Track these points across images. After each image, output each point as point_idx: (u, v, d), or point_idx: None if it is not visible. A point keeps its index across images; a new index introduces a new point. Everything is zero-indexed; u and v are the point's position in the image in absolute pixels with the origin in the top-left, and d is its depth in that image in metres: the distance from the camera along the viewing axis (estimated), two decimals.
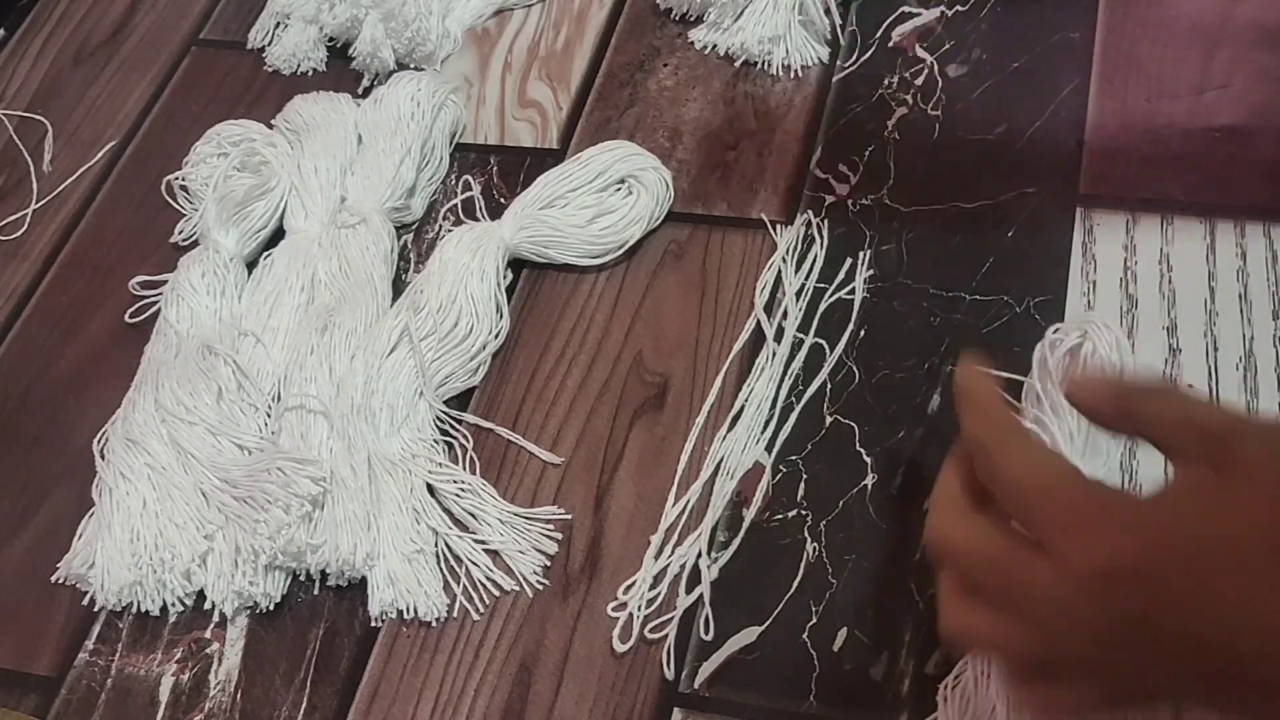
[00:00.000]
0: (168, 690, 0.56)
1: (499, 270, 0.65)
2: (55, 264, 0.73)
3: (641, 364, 0.62)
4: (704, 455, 0.59)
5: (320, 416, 0.60)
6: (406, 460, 0.59)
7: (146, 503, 0.59)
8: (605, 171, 0.67)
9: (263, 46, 0.80)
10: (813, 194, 0.67)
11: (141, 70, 0.81)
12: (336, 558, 0.56)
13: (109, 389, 0.65)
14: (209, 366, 0.62)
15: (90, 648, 0.58)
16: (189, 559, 0.57)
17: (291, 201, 0.70)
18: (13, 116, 0.80)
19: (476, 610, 0.56)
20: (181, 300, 0.66)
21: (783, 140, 0.69)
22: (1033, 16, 0.71)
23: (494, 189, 0.71)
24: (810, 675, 0.52)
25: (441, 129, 0.72)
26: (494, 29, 0.79)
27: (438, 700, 0.54)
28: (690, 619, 0.54)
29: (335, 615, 0.57)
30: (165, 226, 0.73)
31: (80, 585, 0.59)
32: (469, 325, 0.63)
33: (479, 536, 0.58)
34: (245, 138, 0.73)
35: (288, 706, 0.55)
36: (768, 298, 0.63)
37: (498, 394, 0.63)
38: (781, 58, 0.72)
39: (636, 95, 0.73)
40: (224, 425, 0.61)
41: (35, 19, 0.86)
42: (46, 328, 0.70)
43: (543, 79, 0.75)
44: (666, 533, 0.57)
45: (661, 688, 0.53)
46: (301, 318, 0.65)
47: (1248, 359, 0.57)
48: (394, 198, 0.68)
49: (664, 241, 0.67)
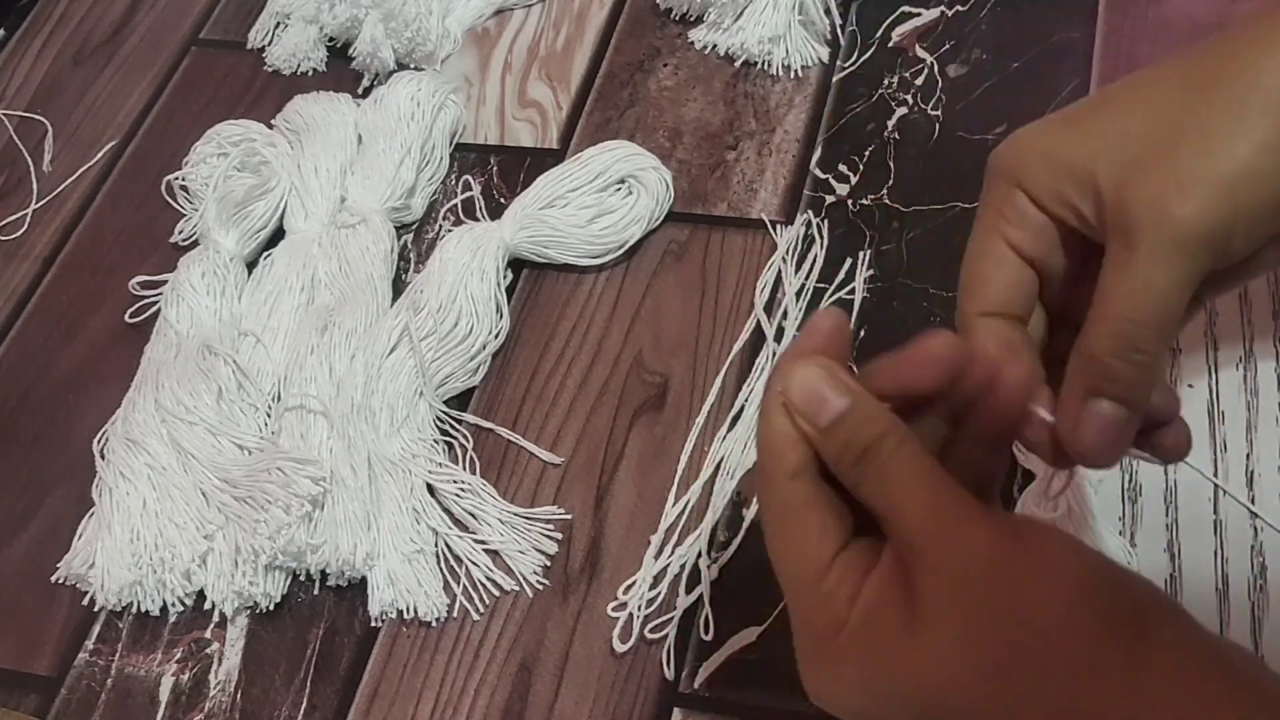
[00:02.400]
0: (168, 690, 0.56)
1: (499, 270, 0.65)
2: (55, 264, 0.73)
3: (641, 364, 0.62)
4: (704, 455, 0.59)
5: (320, 416, 0.60)
6: (406, 460, 0.59)
7: (146, 503, 0.59)
8: (605, 171, 0.67)
9: (263, 46, 0.80)
10: (813, 194, 0.67)
11: (141, 70, 0.81)
12: (336, 558, 0.56)
13: (109, 389, 0.65)
14: (209, 366, 0.62)
15: (90, 648, 0.58)
16: (189, 559, 0.57)
17: (291, 201, 0.70)
18: (13, 116, 0.80)
19: (476, 610, 0.56)
20: (181, 300, 0.66)
21: (783, 140, 0.69)
22: (1033, 16, 0.71)
23: (494, 189, 0.71)
24: None
25: (441, 129, 0.72)
26: (494, 29, 0.79)
27: (438, 700, 0.54)
28: (690, 619, 0.54)
29: (335, 615, 0.57)
30: (165, 226, 0.73)
31: (80, 585, 0.59)
32: (469, 325, 0.63)
33: (479, 536, 0.58)
34: (245, 138, 0.73)
35: (288, 706, 0.55)
36: (768, 298, 0.63)
37: (498, 394, 0.63)
38: (781, 58, 0.72)
39: (636, 95, 0.73)
40: (224, 425, 0.61)
41: (35, 19, 0.86)
42: (46, 328, 0.70)
43: (543, 79, 0.75)
44: (666, 533, 0.57)
45: (661, 688, 0.53)
46: (301, 318, 0.65)
47: (1248, 359, 0.57)
48: (394, 198, 0.68)
49: (664, 241, 0.67)
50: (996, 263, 0.41)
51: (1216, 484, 0.53)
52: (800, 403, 0.38)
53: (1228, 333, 0.58)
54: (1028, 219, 0.41)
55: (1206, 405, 0.56)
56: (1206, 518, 0.53)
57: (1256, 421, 0.55)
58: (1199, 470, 0.54)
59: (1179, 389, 0.56)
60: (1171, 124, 0.38)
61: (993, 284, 0.41)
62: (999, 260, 0.41)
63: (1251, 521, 0.52)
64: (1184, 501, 0.53)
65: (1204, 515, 0.53)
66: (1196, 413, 0.55)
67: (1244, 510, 0.53)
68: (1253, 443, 0.54)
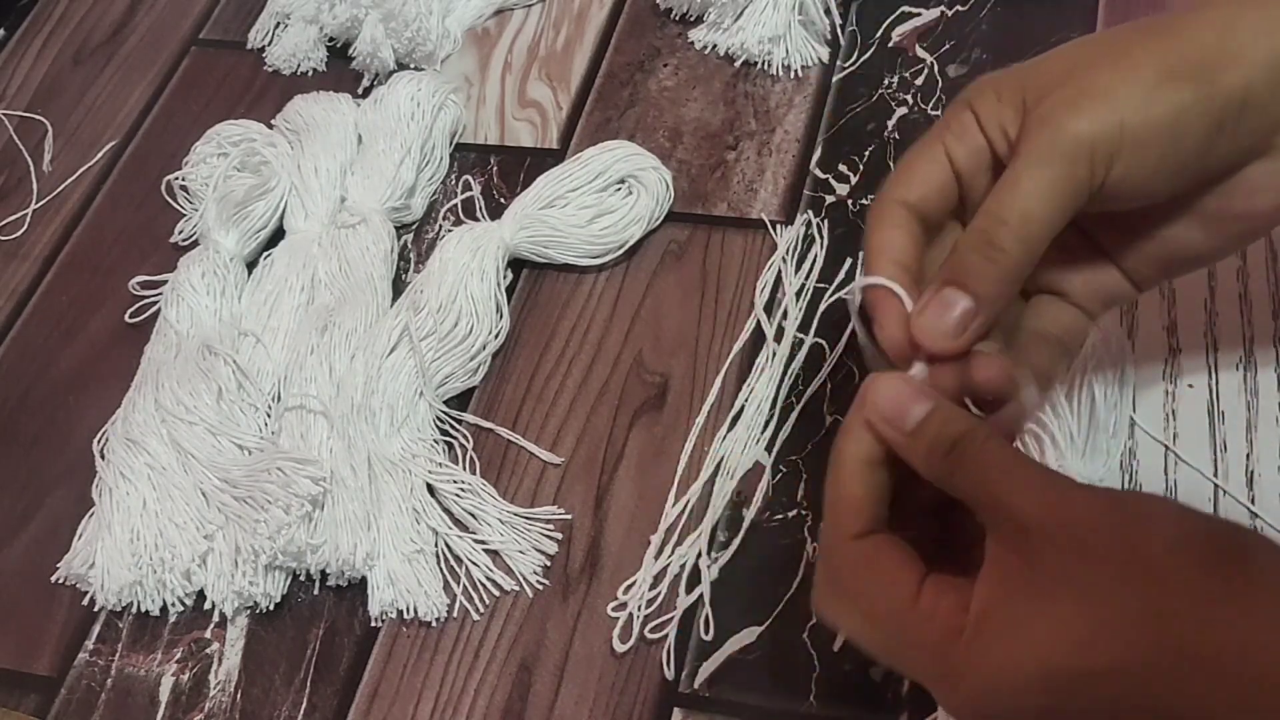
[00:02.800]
0: (168, 690, 0.56)
1: (499, 270, 0.65)
2: (55, 264, 0.73)
3: (641, 364, 0.62)
4: (704, 455, 0.59)
5: (320, 416, 0.60)
6: (406, 460, 0.59)
7: (146, 503, 0.59)
8: (605, 171, 0.67)
9: (263, 46, 0.80)
10: (813, 194, 0.67)
11: (141, 70, 0.81)
12: (336, 558, 0.56)
13: (109, 389, 0.65)
14: (209, 366, 0.62)
15: (90, 648, 0.58)
16: (189, 559, 0.57)
17: (291, 201, 0.70)
18: (13, 116, 0.80)
19: (476, 610, 0.56)
20: (181, 300, 0.66)
21: (783, 140, 0.69)
22: (1033, 16, 0.71)
23: (494, 189, 0.71)
24: (810, 675, 0.52)
25: (441, 129, 0.72)
26: (494, 29, 0.79)
27: (438, 700, 0.54)
28: (690, 619, 0.54)
29: (335, 615, 0.57)
30: (165, 226, 0.73)
31: (80, 585, 0.59)
32: (469, 325, 0.63)
33: (479, 536, 0.58)
34: (245, 138, 0.73)
35: (288, 706, 0.55)
36: (768, 298, 0.63)
37: (498, 394, 0.63)
38: (781, 58, 0.72)
39: (636, 95, 0.73)
40: (224, 425, 0.61)
41: (35, 19, 0.86)
42: (46, 328, 0.70)
43: (543, 79, 0.75)
44: (666, 533, 0.57)
45: (661, 688, 0.53)
46: (301, 318, 0.65)
47: (1248, 359, 0.57)
48: (394, 198, 0.68)
49: (664, 241, 0.67)
50: (929, 161, 0.44)
51: (1216, 484, 0.53)
52: (886, 410, 0.40)
53: (1228, 333, 0.58)
54: (968, 136, 0.43)
55: (1206, 405, 0.56)
56: None
57: (1256, 421, 0.55)
58: (1199, 470, 0.54)
59: (1179, 389, 0.56)
60: (1097, 56, 0.42)
61: (919, 179, 0.44)
62: (932, 160, 0.44)
63: (1251, 521, 0.52)
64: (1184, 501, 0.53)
65: None
66: (1196, 413, 0.55)
67: (1244, 510, 0.53)
68: (1253, 443, 0.54)
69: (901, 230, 0.44)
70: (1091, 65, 0.41)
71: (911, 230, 0.44)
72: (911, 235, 0.44)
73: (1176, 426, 0.55)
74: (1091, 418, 0.53)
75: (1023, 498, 0.37)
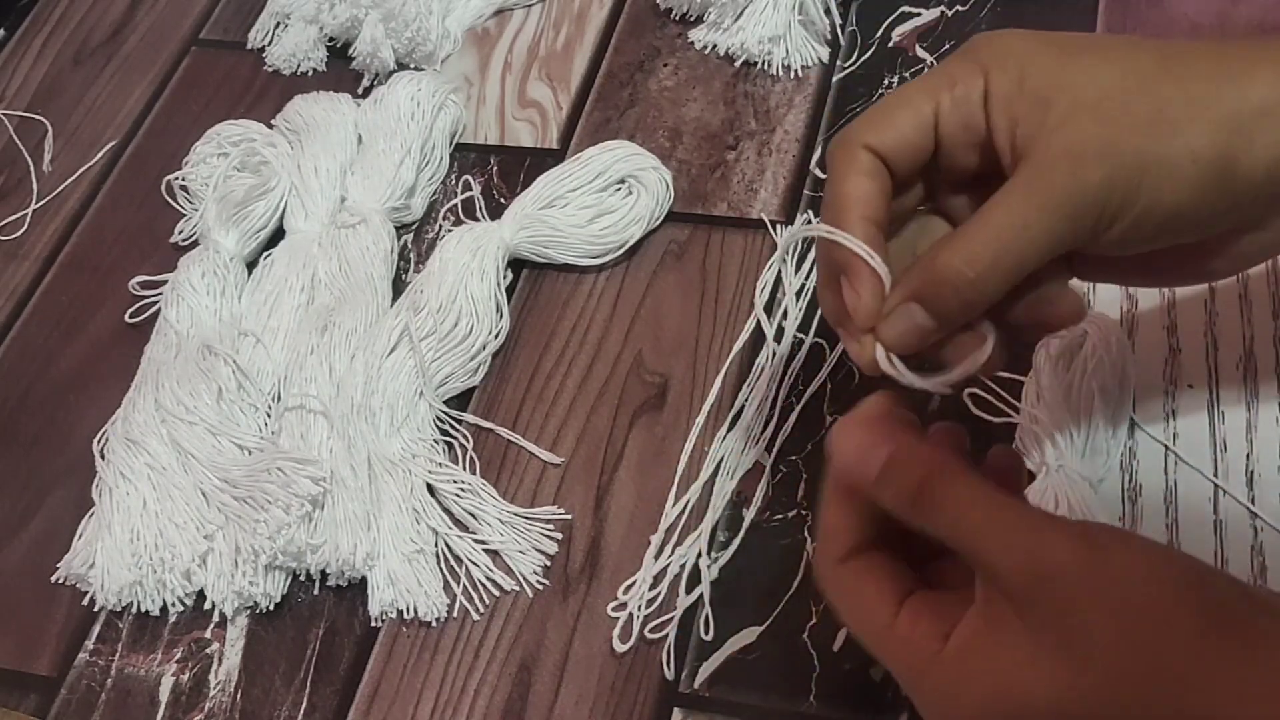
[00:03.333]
0: (168, 690, 0.56)
1: (499, 270, 0.65)
2: (55, 264, 0.73)
3: (641, 364, 0.62)
4: (704, 455, 0.59)
5: (320, 416, 0.60)
6: (406, 460, 0.59)
7: (146, 503, 0.59)
8: (605, 171, 0.67)
9: (263, 46, 0.80)
10: (813, 194, 0.67)
11: (141, 70, 0.81)
12: (336, 558, 0.56)
13: (109, 389, 0.65)
14: (209, 366, 0.62)
15: (90, 648, 0.58)
16: (189, 559, 0.57)
17: (291, 201, 0.70)
18: (13, 116, 0.80)
19: (476, 610, 0.56)
20: (181, 300, 0.66)
21: (783, 140, 0.69)
22: (1033, 17, 0.71)
23: (494, 189, 0.71)
24: (810, 675, 0.52)
25: (441, 129, 0.72)
26: (494, 29, 0.79)
27: (438, 700, 0.54)
28: (690, 619, 0.54)
29: (335, 615, 0.57)
30: (165, 226, 0.73)
31: (80, 585, 0.59)
32: (469, 325, 0.63)
33: (479, 536, 0.58)
34: (245, 138, 0.73)
35: (288, 706, 0.55)
36: (768, 298, 0.63)
37: (498, 394, 0.63)
38: (781, 58, 0.72)
39: (636, 95, 0.73)
40: (224, 425, 0.61)
41: (35, 19, 0.86)
42: (46, 328, 0.70)
43: (543, 79, 0.75)
44: (666, 533, 0.57)
45: (661, 688, 0.53)
46: (301, 318, 0.65)
47: (1248, 359, 0.57)
48: (394, 198, 0.68)
49: (664, 241, 0.67)
50: (913, 113, 0.41)
51: (1216, 484, 0.53)
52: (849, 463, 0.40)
53: (1228, 333, 0.58)
54: (968, 107, 0.41)
55: (1206, 405, 0.56)
56: (1206, 518, 0.53)
57: (1256, 421, 0.55)
58: (1199, 470, 0.54)
59: (1179, 388, 0.56)
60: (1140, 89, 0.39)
61: (896, 127, 0.41)
62: (917, 112, 0.41)
63: (1251, 521, 0.52)
64: (1184, 501, 0.53)
65: (1204, 515, 0.53)
66: (1196, 413, 0.55)
67: (1244, 510, 0.53)
68: (1253, 443, 0.54)
69: (875, 181, 0.41)
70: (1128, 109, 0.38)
71: (883, 182, 0.42)
72: (883, 187, 0.42)
73: (1176, 426, 0.55)
74: (1091, 417, 0.53)
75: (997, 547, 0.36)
